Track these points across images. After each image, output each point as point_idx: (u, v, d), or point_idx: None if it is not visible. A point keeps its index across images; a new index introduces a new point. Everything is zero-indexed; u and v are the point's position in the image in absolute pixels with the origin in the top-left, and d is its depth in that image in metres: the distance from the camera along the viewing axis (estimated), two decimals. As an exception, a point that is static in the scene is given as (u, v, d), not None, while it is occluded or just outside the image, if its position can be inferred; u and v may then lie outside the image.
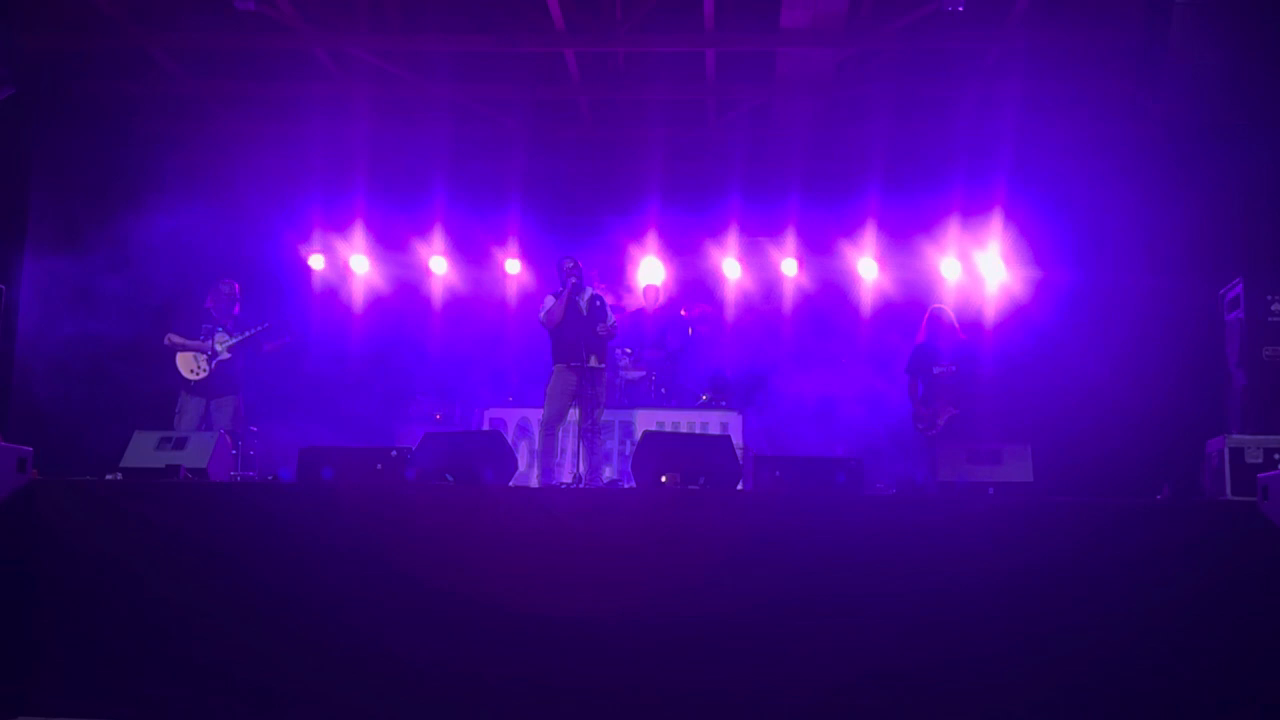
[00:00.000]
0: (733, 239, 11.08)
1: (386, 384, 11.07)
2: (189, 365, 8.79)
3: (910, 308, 10.86)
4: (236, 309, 9.05)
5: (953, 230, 10.60)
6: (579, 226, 11.06)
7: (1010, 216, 10.37)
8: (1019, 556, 5.58)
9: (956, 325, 8.86)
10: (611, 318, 8.74)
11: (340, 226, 11.29)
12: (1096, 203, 10.05)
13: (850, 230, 10.84)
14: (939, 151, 10.29)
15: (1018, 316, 10.43)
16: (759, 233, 11.11)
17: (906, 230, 10.77)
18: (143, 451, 6.73)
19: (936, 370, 8.58)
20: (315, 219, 11.23)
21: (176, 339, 8.82)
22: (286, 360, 9.55)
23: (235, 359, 8.88)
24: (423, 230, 11.30)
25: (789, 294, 11.31)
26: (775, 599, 5.57)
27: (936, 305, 9.12)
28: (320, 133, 10.47)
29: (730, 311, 11.35)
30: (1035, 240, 10.41)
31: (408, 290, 11.68)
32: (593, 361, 8.40)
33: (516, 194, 10.97)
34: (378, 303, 11.64)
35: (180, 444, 6.77)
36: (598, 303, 8.67)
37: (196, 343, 8.82)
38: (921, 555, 5.60)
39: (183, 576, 5.74)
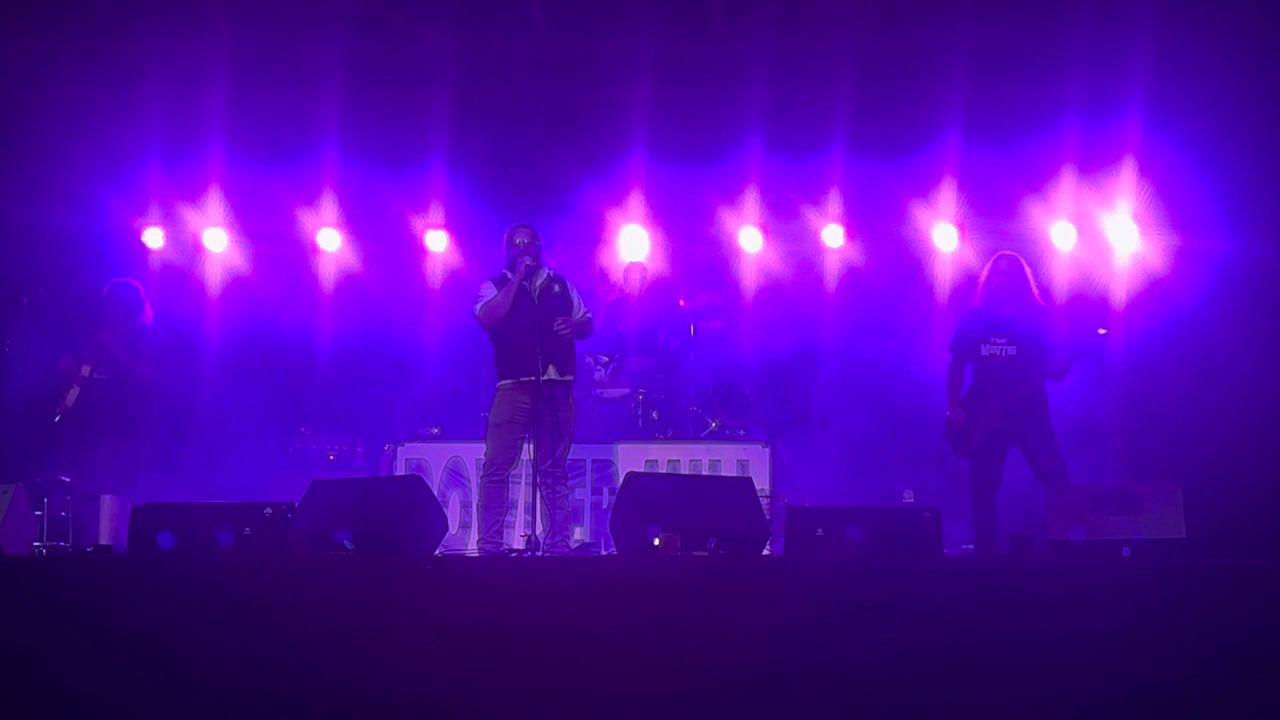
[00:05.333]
0: (751, 198, 11.14)
1: (256, 409, 10.98)
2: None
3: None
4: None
5: (1066, 184, 10.67)
6: (531, 184, 11.05)
7: (1145, 167, 10.44)
8: (1171, 647, 5.49)
9: (1034, 285, 8.74)
10: (582, 308, 8.71)
11: (189, 191, 11.34)
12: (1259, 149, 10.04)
13: (922, 185, 10.92)
14: (1047, 74, 10.27)
15: (1151, 298, 10.44)
16: (789, 189, 11.09)
17: (1001, 183, 10.85)
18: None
19: (986, 350, 8.45)
20: (153, 182, 11.27)
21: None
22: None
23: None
24: (307, 193, 11.38)
25: (833, 275, 11.37)
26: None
27: (1005, 252, 8.96)
28: (161, 66, 10.43)
29: (749, 301, 11.37)
30: (1176, 199, 10.49)
31: (286, 275, 11.76)
32: (551, 373, 8.40)
33: (441, 139, 11.00)
34: (242, 292, 11.58)
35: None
36: (556, 288, 8.62)
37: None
38: (1033, 654, 5.50)
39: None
